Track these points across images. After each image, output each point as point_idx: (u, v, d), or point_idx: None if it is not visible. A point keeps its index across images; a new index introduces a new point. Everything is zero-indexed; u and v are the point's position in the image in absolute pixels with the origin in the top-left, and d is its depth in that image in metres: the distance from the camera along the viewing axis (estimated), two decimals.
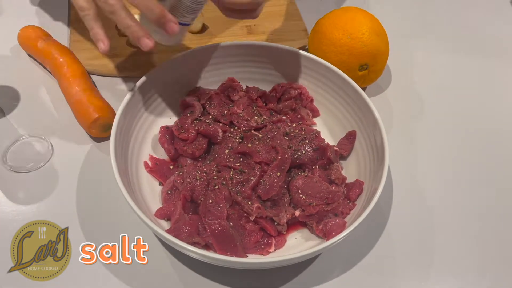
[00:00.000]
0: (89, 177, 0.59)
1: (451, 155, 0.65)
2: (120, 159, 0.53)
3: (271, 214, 0.53)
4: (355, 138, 0.60)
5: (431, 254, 0.56)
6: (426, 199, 0.60)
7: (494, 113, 0.70)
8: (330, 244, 0.48)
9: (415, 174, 0.62)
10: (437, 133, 0.67)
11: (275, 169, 0.55)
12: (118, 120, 0.55)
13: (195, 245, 0.50)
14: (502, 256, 0.57)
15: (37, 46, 0.67)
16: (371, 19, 0.65)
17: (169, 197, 0.55)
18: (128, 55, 0.70)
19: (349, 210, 0.55)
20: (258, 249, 0.53)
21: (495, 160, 0.65)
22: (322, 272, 0.54)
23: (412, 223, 0.58)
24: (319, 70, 0.62)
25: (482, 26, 0.81)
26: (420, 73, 0.74)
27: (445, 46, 0.77)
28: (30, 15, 0.75)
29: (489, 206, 0.60)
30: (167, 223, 0.54)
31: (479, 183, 0.62)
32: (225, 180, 0.55)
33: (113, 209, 0.56)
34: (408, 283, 0.54)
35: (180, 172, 0.56)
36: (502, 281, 0.55)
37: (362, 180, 0.56)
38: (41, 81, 0.68)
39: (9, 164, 0.59)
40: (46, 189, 0.58)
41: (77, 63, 0.66)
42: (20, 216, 0.55)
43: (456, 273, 0.55)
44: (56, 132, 0.63)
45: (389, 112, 0.68)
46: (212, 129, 0.58)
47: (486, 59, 0.76)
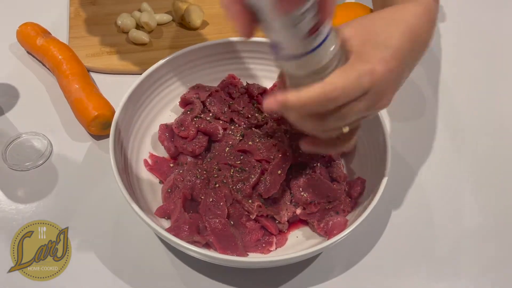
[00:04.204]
0: (88, 175, 0.59)
1: (453, 153, 0.64)
2: (119, 157, 0.53)
3: (272, 213, 0.53)
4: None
5: (433, 253, 0.56)
6: (428, 197, 0.60)
7: (497, 111, 0.69)
8: (331, 242, 0.48)
9: (417, 172, 0.62)
10: (439, 130, 0.66)
11: (275, 167, 0.54)
12: (117, 117, 0.54)
13: (196, 244, 0.50)
14: (503, 255, 0.56)
15: (36, 43, 0.66)
16: None
17: (169, 196, 0.55)
18: (128, 52, 0.70)
19: (351, 208, 0.54)
20: (259, 248, 0.53)
21: (497, 159, 0.64)
22: (323, 271, 0.54)
23: (414, 221, 0.58)
24: None
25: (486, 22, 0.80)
26: (422, 70, 0.73)
27: (448, 42, 0.77)
28: (29, 12, 0.75)
29: (491, 205, 0.60)
30: (167, 222, 0.54)
31: (481, 182, 0.62)
32: (226, 178, 0.54)
33: (113, 208, 0.56)
34: (409, 282, 0.54)
35: (180, 170, 0.56)
36: (503, 281, 0.55)
37: (363, 178, 0.56)
38: (40, 78, 0.68)
39: (8, 162, 0.59)
40: (45, 187, 0.58)
41: (76, 60, 0.65)
42: (20, 215, 0.55)
43: (457, 272, 0.55)
44: (55, 130, 0.62)
45: (391, 109, 0.67)
46: (212, 127, 0.58)
47: (491, 56, 0.76)
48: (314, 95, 0.39)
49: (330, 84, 0.39)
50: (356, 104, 0.41)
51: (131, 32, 0.71)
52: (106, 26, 0.72)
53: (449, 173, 0.63)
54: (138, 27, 0.72)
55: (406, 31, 0.42)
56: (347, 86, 0.39)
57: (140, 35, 0.70)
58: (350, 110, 0.41)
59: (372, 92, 0.40)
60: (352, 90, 0.39)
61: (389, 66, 0.40)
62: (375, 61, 0.40)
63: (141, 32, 0.71)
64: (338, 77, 0.39)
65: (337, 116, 0.41)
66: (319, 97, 0.39)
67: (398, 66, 0.41)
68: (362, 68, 0.40)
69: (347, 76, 0.39)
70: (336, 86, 0.39)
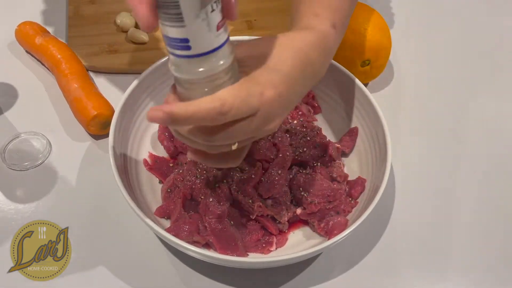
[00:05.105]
0: (88, 175, 0.59)
1: (454, 152, 0.64)
2: (119, 157, 0.53)
3: (272, 213, 0.53)
4: (357, 135, 0.59)
5: (434, 253, 0.56)
6: (429, 196, 0.60)
7: (499, 110, 0.69)
8: (332, 243, 0.47)
9: (418, 171, 0.62)
10: (440, 129, 0.66)
11: (276, 167, 0.54)
12: (117, 117, 0.54)
13: (195, 244, 0.50)
14: (505, 255, 0.56)
15: (35, 42, 0.66)
16: (373, 14, 0.64)
17: (169, 195, 0.55)
18: (127, 51, 0.69)
19: (351, 208, 0.54)
20: (259, 248, 0.53)
21: (499, 158, 0.64)
22: (324, 271, 0.53)
23: (415, 221, 0.58)
24: None
25: (487, 22, 0.80)
26: (423, 69, 0.73)
27: (448, 41, 0.76)
28: (28, 11, 0.75)
29: (493, 204, 0.60)
30: (167, 222, 0.54)
31: (482, 180, 0.62)
32: (226, 178, 0.54)
33: (113, 208, 0.56)
34: (410, 282, 0.54)
35: (180, 170, 0.56)
36: (505, 280, 0.54)
37: (364, 178, 0.56)
38: (39, 78, 0.67)
39: (7, 162, 0.59)
40: (44, 187, 0.57)
41: (75, 60, 0.65)
42: (19, 214, 0.55)
43: (459, 271, 0.55)
44: (54, 129, 0.62)
45: (392, 108, 0.67)
46: None
47: (491, 55, 0.75)
48: (203, 108, 0.38)
49: (220, 99, 0.38)
50: (244, 124, 0.40)
51: (131, 31, 0.70)
52: (105, 25, 0.72)
53: (451, 171, 0.62)
54: (137, 26, 0.72)
55: (297, 58, 0.42)
56: (236, 104, 0.38)
57: (139, 34, 0.70)
58: (238, 129, 0.40)
59: (260, 114, 0.40)
60: (241, 109, 0.39)
61: (278, 90, 0.41)
62: (265, 84, 0.40)
63: (140, 31, 0.70)
64: (228, 93, 0.39)
65: (224, 133, 0.40)
66: (208, 110, 0.38)
67: (287, 91, 0.41)
68: (252, 89, 0.39)
69: (238, 93, 0.39)
70: (226, 101, 0.38)
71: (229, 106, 0.38)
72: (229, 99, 0.38)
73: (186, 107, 0.38)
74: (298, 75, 0.42)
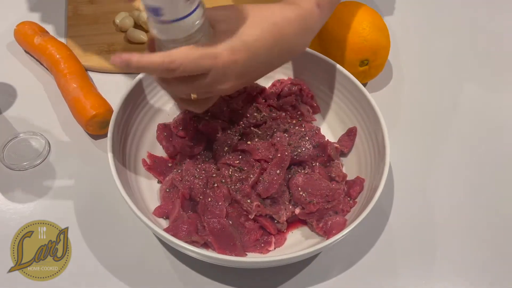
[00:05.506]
0: (86, 174, 0.59)
1: (453, 152, 0.64)
2: (117, 157, 0.53)
3: (270, 212, 0.53)
4: (356, 134, 0.59)
5: (432, 253, 0.56)
6: (428, 196, 0.60)
7: (498, 110, 0.69)
8: (330, 242, 0.48)
9: (416, 171, 0.62)
10: (439, 129, 0.66)
11: (274, 166, 0.54)
12: (115, 117, 0.54)
13: (194, 244, 0.50)
14: (504, 254, 0.56)
15: (34, 42, 0.66)
16: (372, 13, 0.65)
17: (167, 195, 0.55)
18: (126, 51, 0.69)
19: (350, 207, 0.54)
20: (258, 248, 0.53)
21: (498, 158, 0.64)
22: (323, 270, 0.54)
23: (413, 221, 0.58)
24: (319, 66, 0.61)
25: (485, 21, 0.80)
26: (422, 69, 0.73)
27: (447, 41, 0.76)
28: (27, 10, 0.75)
29: (491, 204, 0.60)
30: (165, 222, 0.54)
31: (481, 180, 0.62)
32: (224, 178, 0.54)
33: (112, 208, 0.56)
34: (409, 282, 0.54)
35: (178, 170, 0.56)
36: (504, 279, 0.55)
37: (363, 177, 0.56)
38: (38, 77, 0.67)
39: (5, 161, 0.59)
40: (43, 187, 0.58)
41: (74, 60, 0.65)
42: (18, 214, 0.55)
43: (457, 271, 0.55)
44: (53, 129, 0.62)
45: (390, 108, 0.67)
46: (211, 126, 0.58)
47: (490, 55, 0.75)
48: (153, 62, 0.42)
49: (169, 57, 0.42)
50: (195, 80, 0.44)
51: (130, 31, 0.70)
52: (104, 25, 0.72)
53: (449, 171, 0.63)
54: (136, 26, 0.72)
55: (267, 32, 0.45)
56: (184, 63, 0.42)
57: (138, 34, 0.70)
58: (191, 83, 0.45)
59: (212, 74, 0.44)
60: (189, 67, 0.43)
61: (235, 57, 0.44)
62: (223, 48, 0.44)
63: (139, 31, 0.70)
64: (181, 52, 0.43)
65: (177, 85, 0.46)
66: (157, 64, 0.42)
67: (244, 60, 0.45)
68: (207, 51, 0.43)
69: (190, 53, 0.43)
70: (175, 59, 0.42)
71: (177, 64, 0.42)
72: (179, 58, 0.42)
73: (140, 58, 0.42)
74: (263, 48, 0.45)
